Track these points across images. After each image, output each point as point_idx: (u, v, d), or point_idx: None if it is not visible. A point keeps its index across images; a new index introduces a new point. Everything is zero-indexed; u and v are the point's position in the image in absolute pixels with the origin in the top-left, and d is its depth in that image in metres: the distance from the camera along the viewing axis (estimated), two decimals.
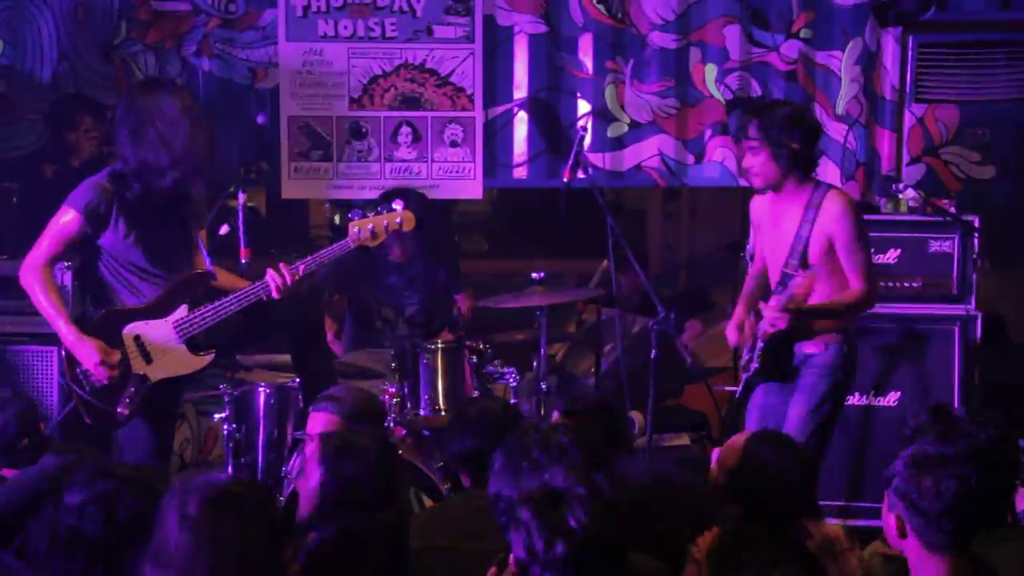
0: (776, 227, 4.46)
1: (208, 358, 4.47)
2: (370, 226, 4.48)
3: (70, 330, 4.30)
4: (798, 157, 4.32)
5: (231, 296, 4.41)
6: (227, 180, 5.63)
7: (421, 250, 5.57)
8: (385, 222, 4.50)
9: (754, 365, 4.49)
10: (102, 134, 5.63)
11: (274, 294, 4.39)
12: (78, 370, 4.35)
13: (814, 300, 4.37)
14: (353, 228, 4.48)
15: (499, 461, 2.82)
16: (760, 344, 4.44)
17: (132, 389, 4.36)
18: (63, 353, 4.39)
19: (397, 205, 4.54)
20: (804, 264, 4.35)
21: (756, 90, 5.93)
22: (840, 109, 5.93)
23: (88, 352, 4.30)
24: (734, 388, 4.92)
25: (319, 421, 3.94)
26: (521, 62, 5.98)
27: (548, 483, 2.45)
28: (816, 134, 4.40)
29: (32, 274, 4.34)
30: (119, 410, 4.35)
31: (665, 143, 6.02)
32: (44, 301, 4.32)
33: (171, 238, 4.46)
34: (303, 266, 4.41)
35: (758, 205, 4.58)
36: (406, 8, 5.92)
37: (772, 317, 4.30)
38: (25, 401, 4.16)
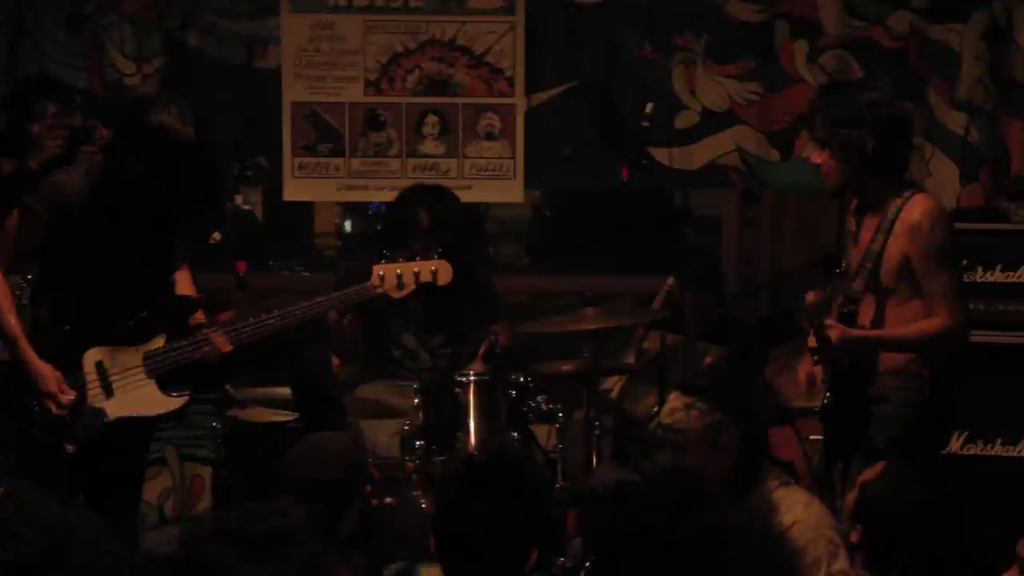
0: (859, 242, 4.39)
1: (180, 401, 4.49)
2: (397, 272, 4.56)
3: (26, 349, 4.33)
4: (873, 158, 4.20)
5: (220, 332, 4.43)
6: (220, 179, 5.63)
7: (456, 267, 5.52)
8: (416, 270, 4.58)
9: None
10: (69, 128, 5.62)
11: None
12: (27, 399, 4.36)
13: (880, 329, 4.26)
14: (377, 272, 4.56)
15: None
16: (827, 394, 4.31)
17: (84, 424, 4.36)
18: (6, 376, 4.41)
19: (433, 254, 4.65)
20: (874, 285, 4.23)
21: (857, 72, 5.93)
22: (960, 95, 5.94)
23: (41, 380, 4.31)
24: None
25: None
26: (571, 39, 6.00)
27: None
28: (902, 131, 4.28)
29: None
30: (67, 446, 4.35)
31: (745, 136, 6.04)
32: None
33: (150, 246, 4.46)
34: (300, 311, 4.49)
35: (854, 213, 4.50)
36: None
37: (812, 346, 4.23)
38: None
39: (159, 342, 4.43)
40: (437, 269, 4.61)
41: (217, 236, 5.47)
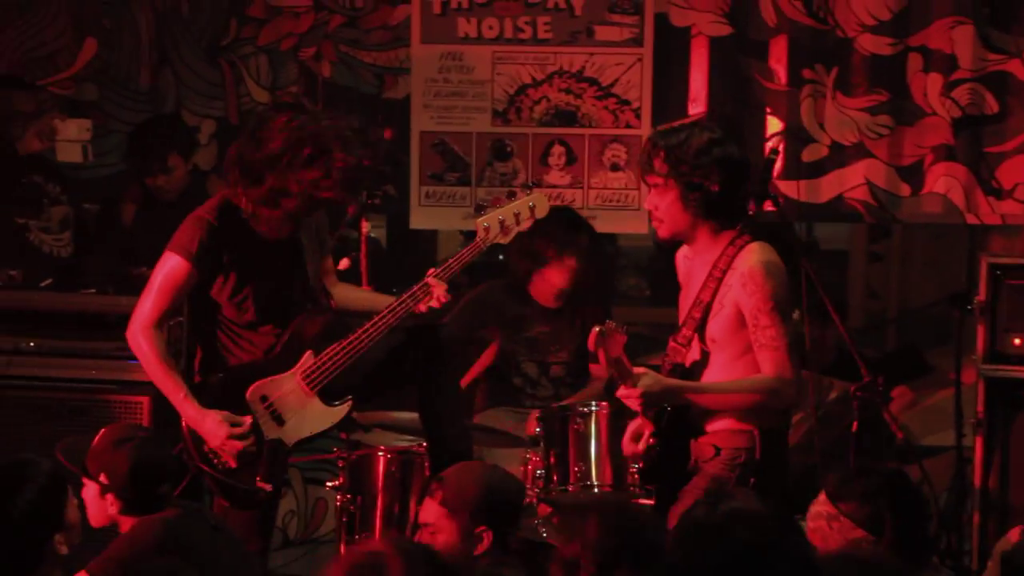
0: (687, 290, 4.22)
1: (346, 407, 4.54)
2: (499, 217, 4.53)
3: (189, 404, 4.39)
4: (715, 202, 4.05)
5: (360, 331, 4.47)
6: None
7: (582, 296, 5.54)
8: (516, 210, 4.53)
9: (637, 464, 4.21)
10: (189, 175, 5.78)
11: (421, 308, 4.44)
12: (206, 448, 4.43)
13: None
14: (481, 226, 4.53)
15: None
16: (650, 439, 4.12)
17: (269, 459, 4.42)
18: (185, 427, 4.46)
19: (526, 191, 4.59)
20: (701, 337, 4.07)
21: (991, 106, 5.84)
22: None
23: (213, 428, 4.37)
24: None
25: (429, 509, 3.92)
26: (699, 70, 6.00)
27: None
28: (742, 173, 4.13)
29: (142, 335, 4.40)
30: (261, 486, 4.41)
31: (874, 169, 5.95)
32: (157, 369, 4.41)
33: (288, 280, 4.51)
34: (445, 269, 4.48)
35: (682, 260, 4.31)
36: (563, 5, 6.01)
37: (621, 395, 4.02)
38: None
39: (309, 359, 4.47)
40: (535, 204, 4.54)
41: (346, 262, 5.57)
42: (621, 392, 4.04)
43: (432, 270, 4.49)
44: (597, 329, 3.97)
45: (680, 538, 2.73)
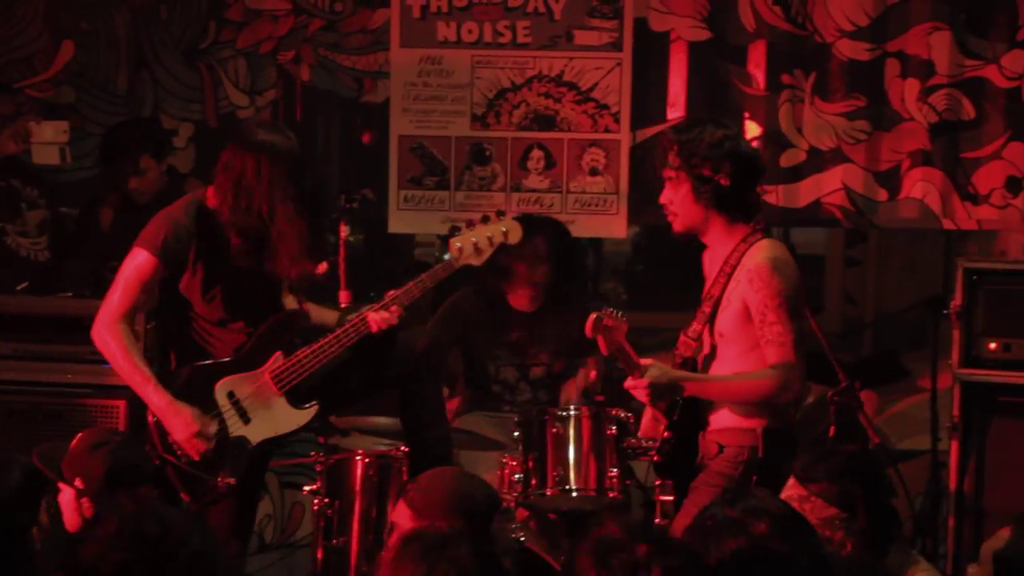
0: (704, 283, 4.28)
1: (312, 411, 4.56)
2: (473, 239, 4.60)
3: (160, 396, 4.40)
4: (726, 195, 4.12)
5: (331, 336, 4.50)
6: (326, 210, 5.70)
7: (553, 298, 5.55)
8: (489, 234, 4.62)
9: (655, 457, 4.26)
10: (164, 177, 5.76)
11: (372, 329, 4.49)
12: (170, 439, 4.44)
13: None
14: (455, 246, 4.61)
15: None
16: (665, 432, 4.19)
17: (233, 455, 4.44)
18: (151, 418, 4.48)
19: (501, 216, 4.66)
20: (711, 331, 4.14)
21: (968, 111, 5.84)
22: None
23: (184, 422, 4.39)
24: None
25: (399, 511, 3.93)
26: (678, 75, 6.01)
27: None
28: (754, 168, 4.19)
29: (107, 330, 4.41)
30: (221, 480, 4.44)
31: (852, 174, 5.96)
32: (124, 362, 4.41)
33: (258, 281, 4.52)
34: (399, 302, 4.54)
35: (706, 256, 4.36)
36: (542, 9, 6.00)
37: (629, 385, 4.11)
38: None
39: (279, 360, 4.50)
40: (508, 229, 4.63)
41: (323, 266, 5.55)
42: (628, 383, 4.11)
43: (392, 292, 4.52)
44: (594, 315, 4.06)
45: (698, 534, 2.75)
